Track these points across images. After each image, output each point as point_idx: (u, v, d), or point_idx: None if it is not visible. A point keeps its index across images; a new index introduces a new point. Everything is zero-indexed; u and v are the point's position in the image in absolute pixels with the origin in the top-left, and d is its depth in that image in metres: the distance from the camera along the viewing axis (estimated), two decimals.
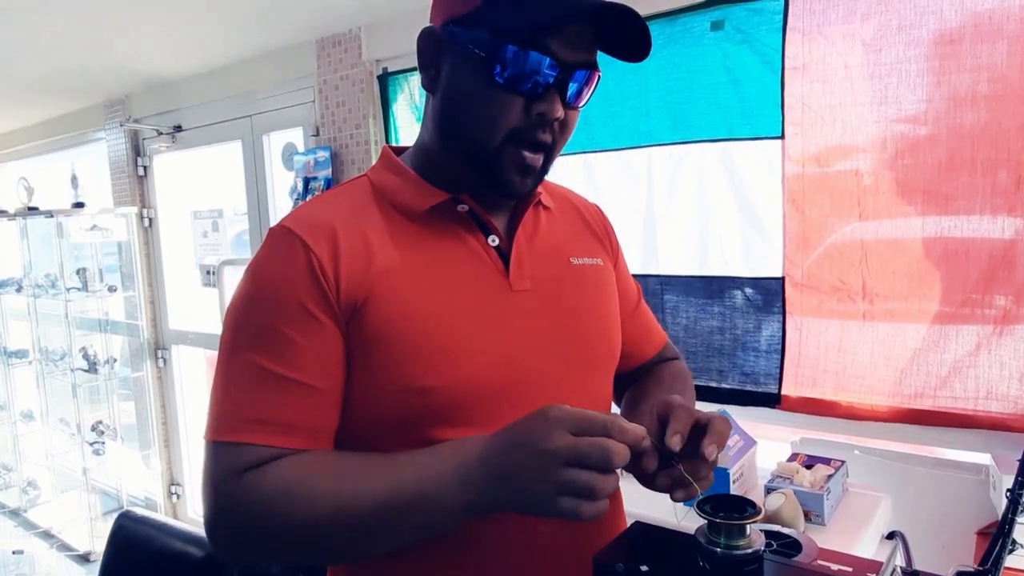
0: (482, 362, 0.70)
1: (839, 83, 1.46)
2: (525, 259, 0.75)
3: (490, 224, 0.75)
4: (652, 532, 0.67)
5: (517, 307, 0.73)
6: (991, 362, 1.35)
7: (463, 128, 0.70)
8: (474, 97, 0.69)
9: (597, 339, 0.79)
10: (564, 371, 0.74)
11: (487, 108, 0.68)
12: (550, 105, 0.67)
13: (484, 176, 0.71)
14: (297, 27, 2.35)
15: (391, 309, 0.68)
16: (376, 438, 0.70)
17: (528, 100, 0.67)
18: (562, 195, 0.88)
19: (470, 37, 0.67)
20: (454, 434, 0.67)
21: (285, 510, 0.62)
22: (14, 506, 3.81)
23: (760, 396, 1.62)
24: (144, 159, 3.29)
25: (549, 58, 0.65)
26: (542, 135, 0.69)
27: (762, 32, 1.53)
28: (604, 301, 0.82)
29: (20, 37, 2.32)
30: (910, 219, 1.42)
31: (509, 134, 0.68)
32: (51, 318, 3.42)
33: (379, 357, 0.67)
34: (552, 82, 0.67)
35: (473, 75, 0.68)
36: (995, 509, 1.31)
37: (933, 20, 1.35)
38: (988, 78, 1.31)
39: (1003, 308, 1.34)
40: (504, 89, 0.67)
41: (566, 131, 0.72)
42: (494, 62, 0.66)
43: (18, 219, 3.40)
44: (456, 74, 0.70)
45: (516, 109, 0.67)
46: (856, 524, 1.28)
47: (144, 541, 1.56)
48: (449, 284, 0.71)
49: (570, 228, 0.84)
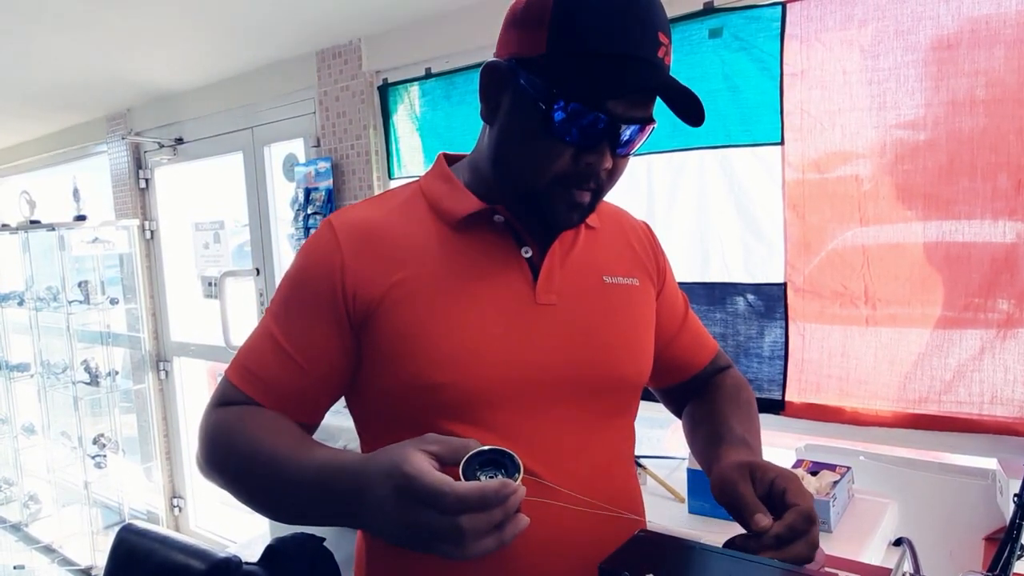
0: (495, 366, 0.71)
1: (838, 89, 1.47)
2: (556, 273, 0.77)
3: (524, 236, 0.76)
4: (657, 540, 0.66)
5: (540, 319, 0.74)
6: (995, 366, 1.35)
7: (514, 166, 0.73)
8: (527, 140, 0.70)
9: (619, 358, 0.79)
10: (578, 386, 0.75)
11: (538, 153, 0.70)
12: (599, 157, 0.69)
13: (532, 211, 0.73)
14: (297, 39, 2.37)
15: (405, 315, 0.71)
16: (395, 435, 0.71)
17: (578, 150, 0.69)
18: (612, 214, 0.90)
19: (531, 81, 0.68)
20: (464, 431, 0.69)
21: (224, 440, 0.72)
22: (15, 521, 3.80)
23: (764, 402, 1.62)
24: (145, 172, 3.30)
25: (606, 117, 0.67)
26: (588, 184, 0.71)
27: (760, 39, 1.54)
28: (633, 321, 0.82)
29: (23, 52, 2.34)
30: (911, 224, 1.42)
31: (555, 178, 0.70)
32: (53, 331, 3.43)
33: (392, 357, 0.71)
34: (602, 136, 0.68)
35: (528, 118, 0.69)
36: (1002, 514, 1.30)
37: (930, 25, 1.36)
38: (986, 83, 1.31)
39: (1006, 312, 1.33)
40: (556, 138, 0.68)
41: (613, 178, 0.74)
42: (550, 111, 0.67)
43: (20, 232, 3.41)
44: (513, 112, 0.72)
45: (566, 157, 0.69)
46: (863, 531, 1.27)
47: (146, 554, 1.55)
48: (473, 292, 0.73)
49: (611, 247, 0.85)
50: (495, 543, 0.56)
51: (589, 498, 0.72)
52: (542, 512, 0.66)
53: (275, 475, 0.67)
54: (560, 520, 0.70)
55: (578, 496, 0.70)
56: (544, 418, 0.73)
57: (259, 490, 0.71)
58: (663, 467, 1.60)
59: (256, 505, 0.71)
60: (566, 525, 0.72)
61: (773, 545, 0.61)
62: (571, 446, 0.74)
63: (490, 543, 0.56)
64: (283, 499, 0.69)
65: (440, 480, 0.56)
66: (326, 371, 0.74)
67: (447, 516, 0.55)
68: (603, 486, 0.76)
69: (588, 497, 0.72)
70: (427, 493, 0.56)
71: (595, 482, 0.75)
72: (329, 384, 0.75)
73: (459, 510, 0.55)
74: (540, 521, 0.67)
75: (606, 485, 0.76)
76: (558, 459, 0.73)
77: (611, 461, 0.79)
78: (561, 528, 0.71)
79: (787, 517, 0.62)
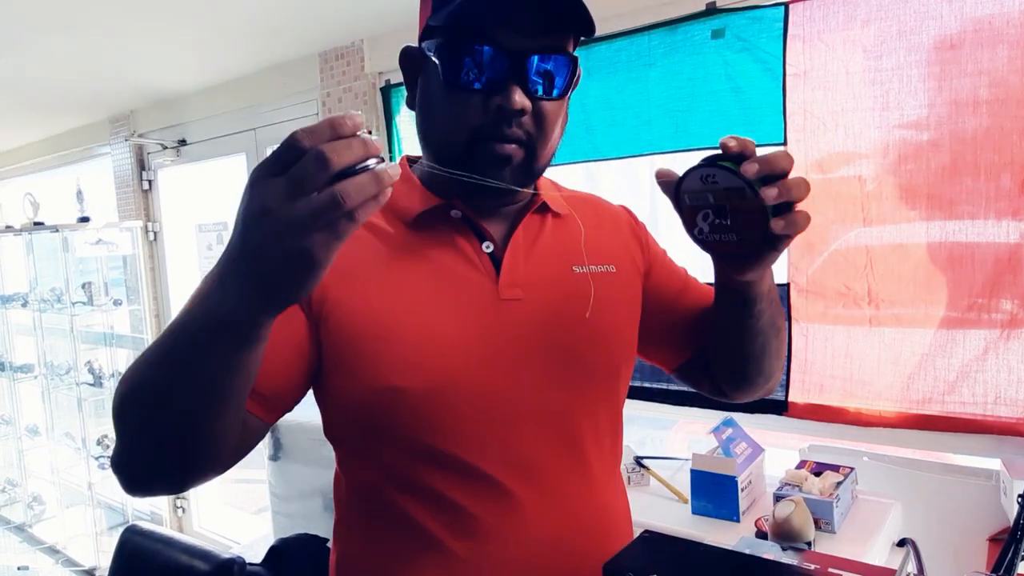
0: (456, 367, 0.68)
1: (840, 89, 1.46)
2: (520, 266, 0.73)
3: (484, 230, 0.73)
4: (662, 540, 0.66)
5: (504, 316, 0.71)
6: (999, 366, 1.34)
7: (433, 136, 0.71)
8: (436, 103, 0.69)
9: (591, 349, 0.75)
10: (546, 381, 0.71)
11: (447, 111, 0.67)
12: (507, 97, 0.65)
13: (463, 178, 0.68)
14: (300, 41, 2.37)
15: (362, 317, 0.67)
16: (360, 440, 0.71)
17: (485, 96, 0.66)
18: (585, 200, 0.85)
19: (428, 46, 0.68)
20: (433, 439, 0.67)
21: (127, 374, 0.60)
22: (19, 521, 3.80)
23: (767, 403, 1.61)
24: (149, 173, 3.31)
25: (490, 48, 0.64)
26: (508, 130, 0.66)
27: (763, 40, 1.54)
28: (608, 310, 0.77)
29: (27, 54, 2.34)
30: (914, 224, 1.42)
31: (472, 133, 0.67)
32: (56, 332, 3.43)
33: (350, 358, 0.67)
34: (505, 73, 0.64)
35: (433, 83, 0.68)
36: (1006, 515, 1.30)
37: (933, 25, 1.35)
38: (989, 83, 1.31)
39: (1010, 312, 1.33)
40: (459, 89, 0.66)
41: (545, 124, 0.68)
42: (446, 64, 0.66)
43: (24, 234, 3.42)
44: (423, 86, 0.71)
45: (474, 106, 0.66)
46: (866, 532, 1.27)
47: (150, 555, 1.56)
48: (433, 290, 0.70)
49: (582, 235, 0.80)
50: (372, 181, 0.45)
51: (562, 518, 0.71)
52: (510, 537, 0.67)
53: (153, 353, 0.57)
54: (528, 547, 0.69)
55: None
56: (514, 423, 0.70)
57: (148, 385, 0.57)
58: (666, 468, 1.60)
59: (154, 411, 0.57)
60: (557, 528, 0.71)
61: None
62: (546, 455, 0.71)
63: (367, 181, 0.45)
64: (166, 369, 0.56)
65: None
66: (282, 350, 0.65)
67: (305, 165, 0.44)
68: (581, 502, 0.73)
69: (565, 513, 0.71)
70: (268, 163, 0.46)
71: (572, 498, 0.72)
72: (283, 357, 0.66)
73: (312, 141, 0.44)
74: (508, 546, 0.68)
75: (586, 500, 0.73)
76: (532, 472, 0.70)
77: (591, 471, 0.75)
78: (554, 529, 0.71)
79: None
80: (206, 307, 0.52)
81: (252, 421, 0.65)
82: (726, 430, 1.45)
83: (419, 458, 0.69)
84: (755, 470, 1.43)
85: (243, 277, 0.49)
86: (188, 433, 0.57)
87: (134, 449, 0.59)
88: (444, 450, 0.68)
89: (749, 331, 0.74)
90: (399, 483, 0.70)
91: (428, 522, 0.69)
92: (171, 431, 0.57)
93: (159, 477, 0.61)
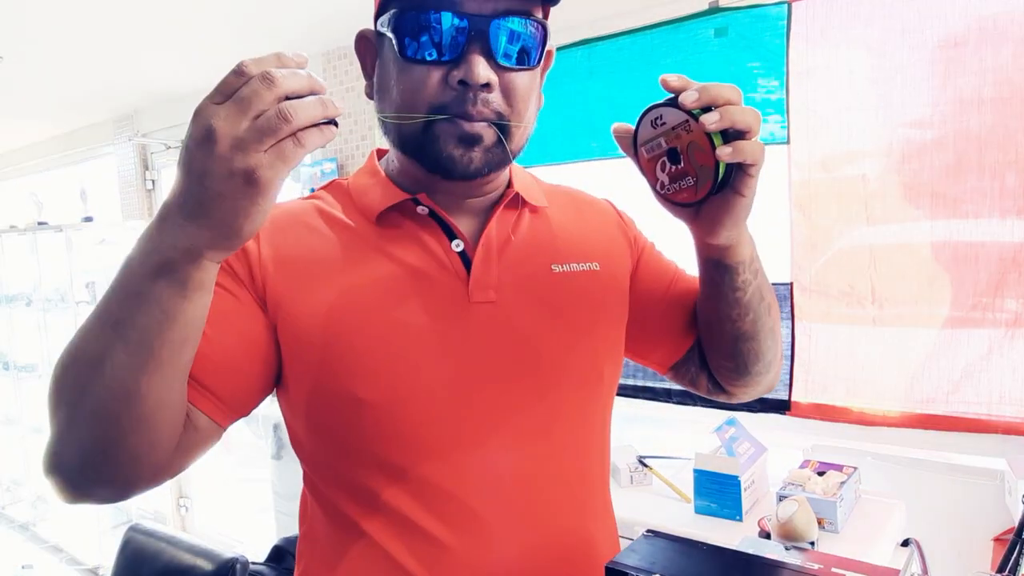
0: (422, 378, 0.62)
1: (844, 88, 1.46)
2: (493, 267, 0.67)
3: (453, 227, 0.66)
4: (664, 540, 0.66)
5: (474, 321, 0.65)
6: (1003, 366, 1.34)
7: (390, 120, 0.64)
8: (392, 83, 0.62)
9: (569, 354, 0.68)
10: (521, 391, 0.65)
11: (404, 88, 0.60)
12: (469, 69, 0.58)
13: (423, 161, 0.62)
14: (303, 40, 2.37)
15: (317, 317, 0.62)
16: (323, 453, 0.66)
17: (445, 70, 0.59)
18: (566, 194, 0.80)
19: (383, 23, 0.62)
20: (397, 457, 0.62)
21: (63, 351, 0.52)
22: (23, 520, 3.82)
23: (770, 403, 1.61)
24: (152, 173, 3.32)
25: (447, 12, 0.57)
26: (472, 107, 0.59)
27: (766, 38, 1.54)
28: (588, 312, 0.71)
29: (31, 55, 2.35)
30: (918, 223, 1.41)
31: (431, 112, 0.60)
32: (60, 332, 3.44)
33: (307, 364, 0.63)
34: (465, 42, 0.58)
35: (388, 61, 0.63)
36: (1011, 515, 1.29)
37: (937, 24, 1.35)
38: (993, 81, 1.30)
39: (1014, 312, 1.33)
40: (416, 62, 0.59)
41: (515, 99, 0.61)
42: (401, 37, 0.59)
43: (28, 233, 3.43)
44: (380, 68, 0.65)
45: (434, 81, 0.59)
46: (870, 531, 1.27)
47: (153, 554, 1.56)
48: (398, 292, 0.64)
49: (563, 231, 0.74)
50: (318, 104, 0.45)
51: (538, 545, 0.65)
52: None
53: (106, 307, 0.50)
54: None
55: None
56: (486, 439, 0.64)
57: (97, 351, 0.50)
58: (669, 467, 1.60)
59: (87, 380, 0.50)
60: (547, 533, 0.66)
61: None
62: (522, 475, 0.65)
63: (312, 103, 0.45)
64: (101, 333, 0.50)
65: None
66: (234, 339, 0.61)
67: (251, 84, 0.44)
68: (559, 529, 0.67)
69: (542, 540, 0.65)
70: (213, 91, 0.45)
71: (550, 524, 0.66)
72: (240, 355, 0.61)
73: (259, 67, 0.45)
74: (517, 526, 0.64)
75: (566, 527, 0.68)
76: (506, 495, 0.64)
77: (573, 492, 0.69)
78: (542, 534, 0.66)
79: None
80: (143, 250, 0.48)
81: (201, 420, 0.59)
82: (729, 429, 1.44)
83: (383, 476, 0.63)
84: (758, 470, 1.43)
85: (185, 210, 0.45)
86: (124, 407, 0.50)
87: (67, 435, 0.52)
88: (408, 469, 0.62)
89: (737, 306, 0.69)
90: (362, 502, 0.64)
91: (392, 547, 0.63)
92: (106, 404, 0.50)
93: (96, 469, 0.53)
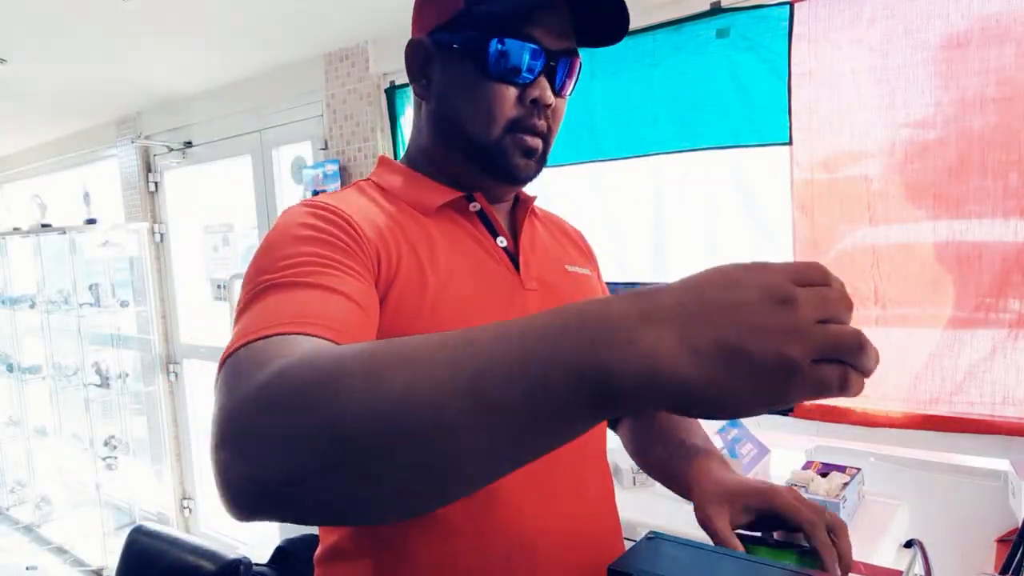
0: None
1: (846, 88, 1.46)
2: (532, 261, 0.77)
3: (498, 225, 0.76)
4: (667, 541, 0.66)
5: (531, 305, 0.74)
6: (1007, 367, 1.33)
7: (462, 125, 0.72)
8: (470, 94, 0.71)
9: None
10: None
11: (484, 102, 0.70)
12: (542, 91, 0.70)
13: (489, 166, 0.73)
14: (305, 42, 2.38)
15: (414, 296, 0.66)
16: None
17: (521, 90, 0.70)
18: (547, 215, 0.90)
19: (458, 39, 0.70)
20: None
21: (335, 389, 0.39)
22: (27, 522, 3.83)
23: None
24: (155, 175, 3.33)
25: (535, 46, 0.69)
26: (538, 121, 0.72)
27: (768, 39, 1.53)
28: None
29: (33, 56, 2.36)
30: (921, 223, 1.41)
31: (508, 124, 0.71)
32: (64, 333, 3.45)
33: (404, 331, 0.63)
34: (541, 70, 0.70)
35: (466, 74, 0.71)
36: (1015, 516, 1.29)
37: (939, 24, 1.35)
38: (996, 81, 1.30)
39: (1018, 312, 1.32)
40: (497, 81, 0.69)
41: (556, 119, 0.75)
42: (484, 57, 0.68)
43: (32, 235, 3.44)
44: (449, 77, 0.73)
45: (511, 99, 0.70)
46: (873, 533, 1.26)
47: (157, 555, 1.57)
48: (472, 272, 0.71)
49: (559, 240, 0.86)
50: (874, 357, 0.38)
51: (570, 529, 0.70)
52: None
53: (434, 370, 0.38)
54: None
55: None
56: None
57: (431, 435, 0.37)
58: None
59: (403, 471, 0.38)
60: (554, 532, 0.69)
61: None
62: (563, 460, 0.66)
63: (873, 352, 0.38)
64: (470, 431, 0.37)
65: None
66: (374, 313, 0.61)
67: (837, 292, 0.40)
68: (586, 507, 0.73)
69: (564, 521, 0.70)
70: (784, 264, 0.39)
71: (580, 499, 0.73)
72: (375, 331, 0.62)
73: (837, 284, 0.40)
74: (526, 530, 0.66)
75: (590, 506, 0.74)
76: (536, 475, 0.66)
77: (594, 472, 0.76)
78: (550, 533, 0.69)
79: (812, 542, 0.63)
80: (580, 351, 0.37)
81: None
82: (731, 430, 1.44)
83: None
84: (761, 471, 1.43)
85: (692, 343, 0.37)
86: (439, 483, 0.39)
87: (313, 478, 0.39)
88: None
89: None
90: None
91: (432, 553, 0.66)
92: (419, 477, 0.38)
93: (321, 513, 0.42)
